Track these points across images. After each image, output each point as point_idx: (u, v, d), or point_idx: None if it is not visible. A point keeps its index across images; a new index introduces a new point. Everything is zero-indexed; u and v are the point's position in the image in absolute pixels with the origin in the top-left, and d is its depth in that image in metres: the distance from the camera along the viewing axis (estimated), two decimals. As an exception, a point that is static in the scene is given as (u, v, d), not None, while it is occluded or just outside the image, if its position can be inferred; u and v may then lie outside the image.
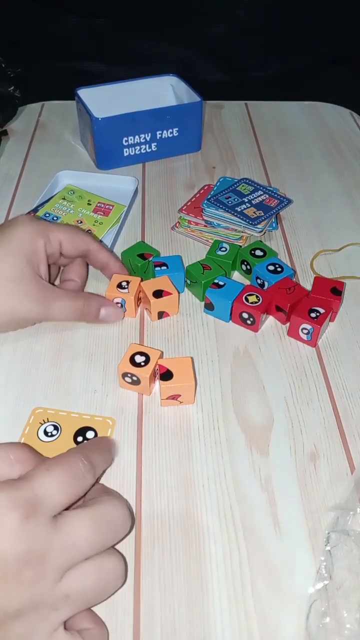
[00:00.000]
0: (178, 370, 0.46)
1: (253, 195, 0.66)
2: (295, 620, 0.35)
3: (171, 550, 0.38)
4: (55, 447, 0.43)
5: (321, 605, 0.34)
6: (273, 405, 0.47)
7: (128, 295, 0.53)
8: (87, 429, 0.44)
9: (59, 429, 0.44)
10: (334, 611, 0.34)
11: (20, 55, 0.87)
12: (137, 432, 0.45)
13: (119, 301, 0.53)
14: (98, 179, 0.71)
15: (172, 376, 0.45)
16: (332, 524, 0.39)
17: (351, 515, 0.38)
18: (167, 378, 0.45)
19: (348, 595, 0.35)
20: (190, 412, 0.46)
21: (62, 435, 0.44)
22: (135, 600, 0.36)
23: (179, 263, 0.56)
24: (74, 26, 0.93)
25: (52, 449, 0.42)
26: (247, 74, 0.99)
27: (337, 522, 0.38)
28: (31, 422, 0.45)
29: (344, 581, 0.36)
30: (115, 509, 0.34)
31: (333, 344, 0.52)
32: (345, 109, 0.89)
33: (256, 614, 0.35)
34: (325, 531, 0.38)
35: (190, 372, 0.46)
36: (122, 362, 0.46)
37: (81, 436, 0.44)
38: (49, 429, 0.44)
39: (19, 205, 0.67)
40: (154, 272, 0.55)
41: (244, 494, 0.41)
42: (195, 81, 0.76)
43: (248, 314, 0.52)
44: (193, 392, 0.46)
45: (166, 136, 0.74)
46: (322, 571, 0.36)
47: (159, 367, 0.46)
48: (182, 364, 0.46)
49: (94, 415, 0.45)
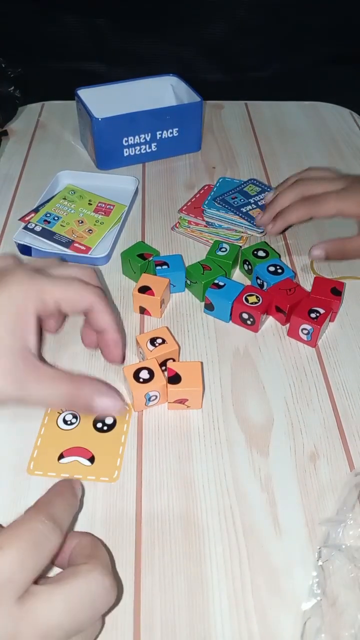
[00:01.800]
0: (187, 374, 0.46)
1: (259, 196, 0.66)
2: (295, 620, 0.35)
3: (171, 550, 0.38)
4: (76, 434, 0.44)
5: (316, 622, 0.34)
6: (273, 405, 0.47)
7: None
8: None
9: (77, 417, 0.45)
10: (329, 628, 0.33)
11: (20, 55, 0.87)
12: (138, 432, 0.45)
13: (155, 394, 0.46)
14: (98, 179, 0.71)
15: (180, 380, 0.45)
16: (323, 538, 0.38)
17: (342, 528, 0.38)
18: (175, 382, 0.45)
19: (342, 611, 0.34)
20: (190, 413, 0.46)
21: (82, 422, 0.45)
22: (135, 600, 0.36)
23: (180, 262, 0.56)
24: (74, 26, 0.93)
25: (74, 436, 0.44)
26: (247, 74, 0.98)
27: (328, 536, 0.38)
28: (49, 413, 0.46)
29: (337, 597, 0.35)
30: (95, 584, 0.30)
31: (333, 344, 0.52)
32: (345, 109, 0.89)
33: (256, 614, 0.35)
34: (316, 546, 0.38)
35: (198, 377, 0.46)
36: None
37: (100, 422, 0.45)
38: (67, 418, 0.45)
39: (19, 205, 0.68)
40: (155, 271, 0.55)
41: (244, 494, 0.41)
42: (195, 81, 0.76)
43: (248, 315, 0.52)
44: (200, 397, 0.46)
45: (166, 136, 0.74)
46: (314, 588, 0.35)
47: (168, 369, 0.46)
48: (192, 368, 0.46)
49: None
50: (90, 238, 0.62)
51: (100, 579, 0.30)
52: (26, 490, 0.41)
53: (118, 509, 0.40)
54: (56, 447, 0.44)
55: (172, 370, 0.46)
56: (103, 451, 0.43)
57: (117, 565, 0.37)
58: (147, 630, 0.35)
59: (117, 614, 0.35)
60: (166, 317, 0.54)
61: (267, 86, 0.98)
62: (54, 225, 0.63)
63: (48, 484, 0.35)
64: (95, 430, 0.45)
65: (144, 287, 0.53)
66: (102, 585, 0.30)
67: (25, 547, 0.29)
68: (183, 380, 0.45)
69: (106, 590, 0.30)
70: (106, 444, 0.44)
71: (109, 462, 0.43)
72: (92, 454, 0.43)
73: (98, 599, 0.30)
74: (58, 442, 0.44)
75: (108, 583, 0.30)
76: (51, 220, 0.64)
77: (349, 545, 0.37)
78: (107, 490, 0.41)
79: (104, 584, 0.30)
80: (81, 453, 0.43)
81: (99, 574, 0.30)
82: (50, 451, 0.43)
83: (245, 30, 0.93)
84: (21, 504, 0.40)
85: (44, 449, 0.44)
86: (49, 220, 0.63)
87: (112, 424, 0.45)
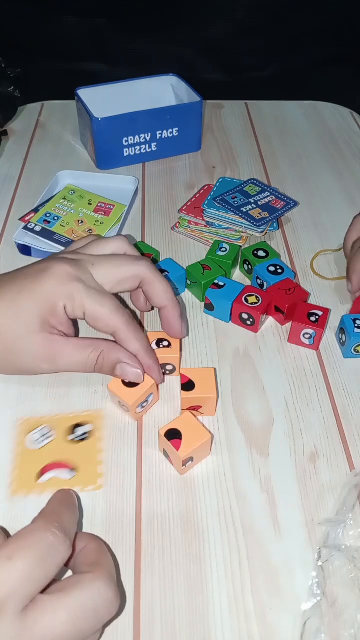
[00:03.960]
0: (200, 381, 0.45)
1: (260, 196, 0.66)
2: (295, 620, 0.35)
3: (171, 550, 0.38)
4: (51, 450, 0.43)
5: (315, 622, 0.34)
6: (273, 405, 0.47)
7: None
8: (80, 425, 0.45)
9: (51, 433, 0.44)
10: (329, 628, 0.33)
11: (20, 55, 0.87)
12: (138, 433, 0.45)
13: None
14: (98, 179, 0.71)
15: (194, 387, 0.44)
16: (322, 538, 0.38)
17: (342, 529, 0.38)
18: (188, 388, 0.44)
19: (342, 611, 0.34)
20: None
21: (56, 437, 0.44)
22: (135, 600, 0.36)
23: (174, 264, 0.56)
24: (74, 26, 0.93)
25: (50, 452, 0.43)
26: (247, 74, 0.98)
27: (328, 536, 0.38)
28: (17, 436, 0.44)
29: (337, 597, 0.35)
30: (98, 594, 0.30)
31: (333, 344, 0.52)
32: (345, 108, 0.89)
33: (256, 614, 0.35)
34: (316, 546, 0.38)
35: (212, 383, 0.45)
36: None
37: (75, 433, 0.44)
38: (39, 435, 0.44)
39: (19, 205, 0.68)
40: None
41: (244, 494, 0.41)
42: (195, 81, 0.76)
43: (248, 315, 0.52)
44: (215, 405, 0.45)
45: (166, 136, 0.74)
46: (314, 588, 0.35)
47: (181, 376, 0.45)
48: (205, 375, 0.45)
49: (82, 410, 0.46)
50: (90, 238, 0.62)
51: (103, 590, 0.30)
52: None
53: (118, 509, 0.40)
54: (34, 465, 0.42)
55: (186, 377, 0.45)
56: (82, 461, 0.43)
57: (117, 566, 0.37)
58: (147, 630, 0.35)
59: (117, 614, 0.35)
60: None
61: (267, 86, 0.98)
62: (54, 225, 0.63)
63: (32, 505, 0.34)
64: (70, 442, 0.44)
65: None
66: (106, 596, 0.30)
67: (34, 559, 0.29)
68: (197, 387, 0.44)
69: (109, 601, 0.30)
70: (83, 453, 0.43)
71: (90, 471, 0.42)
72: (71, 466, 0.42)
73: (101, 609, 0.30)
74: (35, 461, 0.42)
75: (112, 594, 0.30)
76: (51, 220, 0.64)
77: (349, 545, 0.37)
78: (107, 491, 0.41)
79: (107, 595, 0.30)
80: (61, 467, 0.42)
81: (103, 584, 0.30)
82: (29, 470, 0.42)
83: (245, 30, 0.93)
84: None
85: (21, 470, 0.42)
86: (49, 220, 0.63)
87: (85, 433, 0.44)
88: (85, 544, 0.34)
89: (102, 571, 0.31)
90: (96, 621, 0.30)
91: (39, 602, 0.28)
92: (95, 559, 0.32)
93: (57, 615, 0.28)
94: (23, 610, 0.28)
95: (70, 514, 0.34)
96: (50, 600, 0.29)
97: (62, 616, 0.28)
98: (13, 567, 0.28)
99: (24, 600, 0.28)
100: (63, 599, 0.29)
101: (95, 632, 0.30)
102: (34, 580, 0.28)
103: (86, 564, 0.32)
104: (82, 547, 0.34)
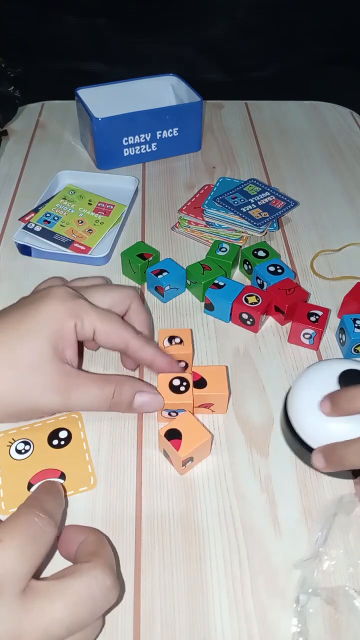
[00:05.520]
0: (212, 378, 0.45)
1: (260, 196, 0.66)
2: (295, 620, 0.35)
3: (171, 550, 0.38)
4: (36, 459, 0.43)
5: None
6: (273, 405, 0.47)
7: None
8: (59, 430, 0.44)
9: (30, 443, 0.43)
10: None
11: (20, 55, 0.87)
12: (138, 433, 0.45)
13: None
14: (98, 179, 0.71)
15: (206, 384, 0.45)
16: (299, 583, 0.36)
17: (317, 568, 0.36)
18: (200, 386, 0.44)
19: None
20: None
21: (37, 446, 0.43)
22: (135, 600, 0.36)
23: (174, 264, 0.56)
24: (74, 26, 0.93)
25: (35, 461, 0.42)
26: (247, 74, 0.98)
27: (304, 581, 0.36)
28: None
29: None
30: (95, 582, 0.30)
31: (333, 344, 0.52)
32: (345, 108, 0.89)
33: (256, 614, 0.35)
34: (316, 547, 0.37)
35: (224, 381, 0.45)
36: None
37: (56, 439, 0.44)
38: (19, 447, 0.43)
39: (19, 205, 0.67)
40: (159, 281, 0.55)
41: (244, 494, 0.41)
42: (195, 81, 0.76)
43: (248, 315, 0.52)
44: (226, 402, 0.45)
45: (166, 136, 0.74)
46: (296, 636, 0.34)
47: (193, 373, 0.45)
48: (217, 373, 0.45)
49: (57, 416, 0.45)
50: (90, 238, 0.62)
51: (101, 578, 0.30)
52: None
53: (118, 509, 0.40)
54: (21, 478, 0.41)
55: (197, 375, 0.45)
56: (70, 464, 0.42)
57: (118, 564, 0.37)
58: (147, 630, 0.35)
59: (117, 614, 0.35)
60: (166, 317, 0.54)
61: (267, 86, 0.98)
62: (53, 225, 0.63)
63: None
64: (53, 447, 0.43)
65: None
66: (103, 584, 0.30)
67: (24, 540, 0.30)
68: (209, 385, 0.44)
69: (107, 588, 0.30)
70: (69, 456, 0.43)
71: (81, 472, 0.42)
72: (60, 471, 0.42)
73: (99, 597, 0.30)
74: (21, 473, 0.42)
75: (109, 582, 0.31)
76: (51, 220, 0.64)
77: (327, 587, 0.36)
78: (107, 491, 0.41)
79: (105, 583, 0.30)
80: (50, 474, 0.42)
81: (101, 572, 0.31)
82: (17, 484, 0.41)
83: (245, 30, 0.93)
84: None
85: (9, 485, 0.41)
86: (49, 220, 0.64)
87: (67, 437, 0.44)
88: (85, 536, 0.35)
89: (100, 560, 0.31)
90: (94, 608, 0.30)
91: (37, 588, 0.29)
92: (94, 550, 0.33)
93: (54, 601, 0.29)
94: (21, 593, 0.28)
95: (54, 499, 0.35)
96: (47, 586, 0.29)
97: (59, 602, 0.29)
98: (6, 549, 0.29)
99: (21, 581, 0.29)
100: (60, 585, 0.30)
101: (94, 619, 0.31)
102: (27, 560, 0.29)
103: (85, 554, 0.33)
104: (82, 539, 0.34)
